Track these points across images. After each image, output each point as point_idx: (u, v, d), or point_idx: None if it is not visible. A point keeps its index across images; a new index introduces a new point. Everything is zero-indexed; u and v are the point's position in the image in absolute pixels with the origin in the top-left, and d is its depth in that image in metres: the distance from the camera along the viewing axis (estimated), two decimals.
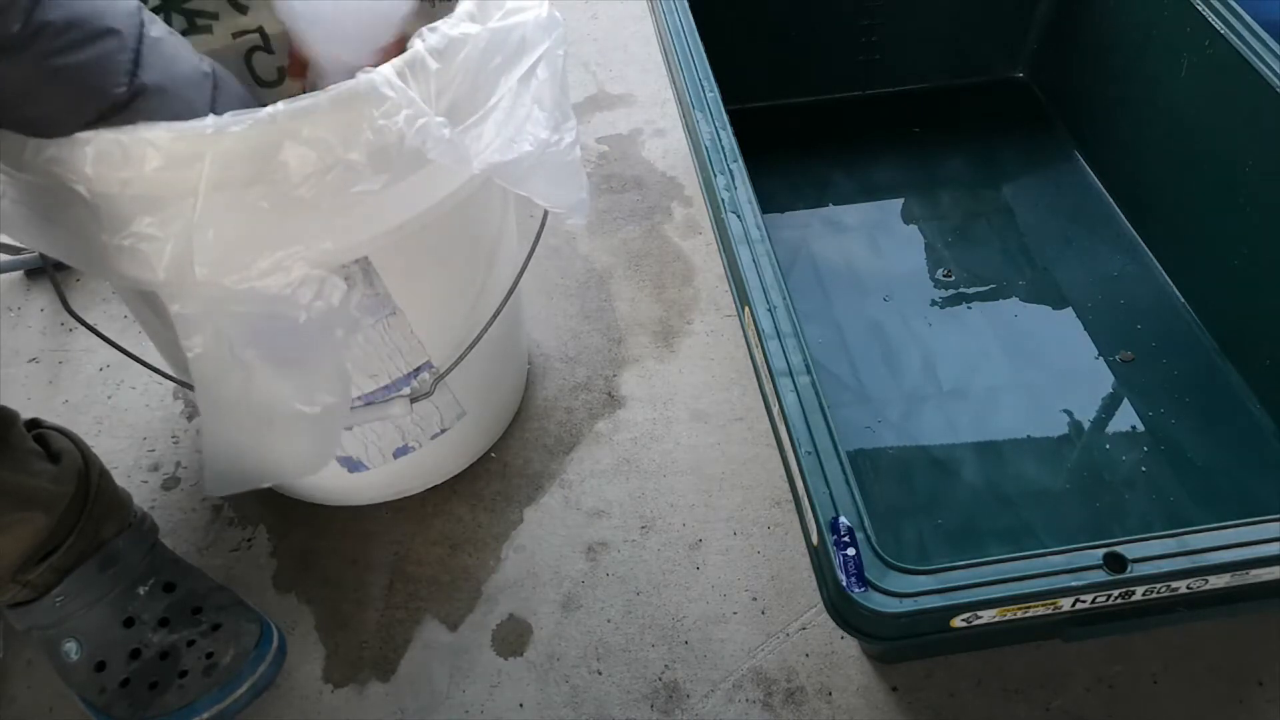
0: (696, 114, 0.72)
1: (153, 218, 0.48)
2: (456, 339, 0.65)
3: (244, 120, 0.45)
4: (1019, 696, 0.66)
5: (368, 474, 0.71)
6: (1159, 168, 0.87)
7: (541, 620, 0.71)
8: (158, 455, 0.81)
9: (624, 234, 0.97)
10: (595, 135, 1.08)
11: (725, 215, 0.65)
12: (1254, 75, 0.73)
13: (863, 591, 0.47)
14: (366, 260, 0.54)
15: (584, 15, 1.24)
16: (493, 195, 0.63)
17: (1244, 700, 0.65)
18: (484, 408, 0.75)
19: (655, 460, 0.79)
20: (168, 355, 0.66)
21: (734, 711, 0.66)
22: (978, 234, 0.93)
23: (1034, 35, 1.03)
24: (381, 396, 0.63)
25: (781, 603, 0.71)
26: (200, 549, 0.75)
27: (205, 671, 0.63)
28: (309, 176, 0.47)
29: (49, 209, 0.51)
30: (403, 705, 0.67)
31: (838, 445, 0.53)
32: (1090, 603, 0.49)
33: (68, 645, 0.64)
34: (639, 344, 0.88)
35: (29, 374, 0.87)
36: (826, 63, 1.02)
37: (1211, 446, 0.76)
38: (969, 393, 0.80)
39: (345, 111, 0.46)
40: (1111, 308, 0.85)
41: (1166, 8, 0.82)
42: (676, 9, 0.81)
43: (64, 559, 0.62)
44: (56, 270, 0.92)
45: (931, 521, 0.72)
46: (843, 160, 1.00)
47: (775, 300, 0.60)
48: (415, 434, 0.69)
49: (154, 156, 0.45)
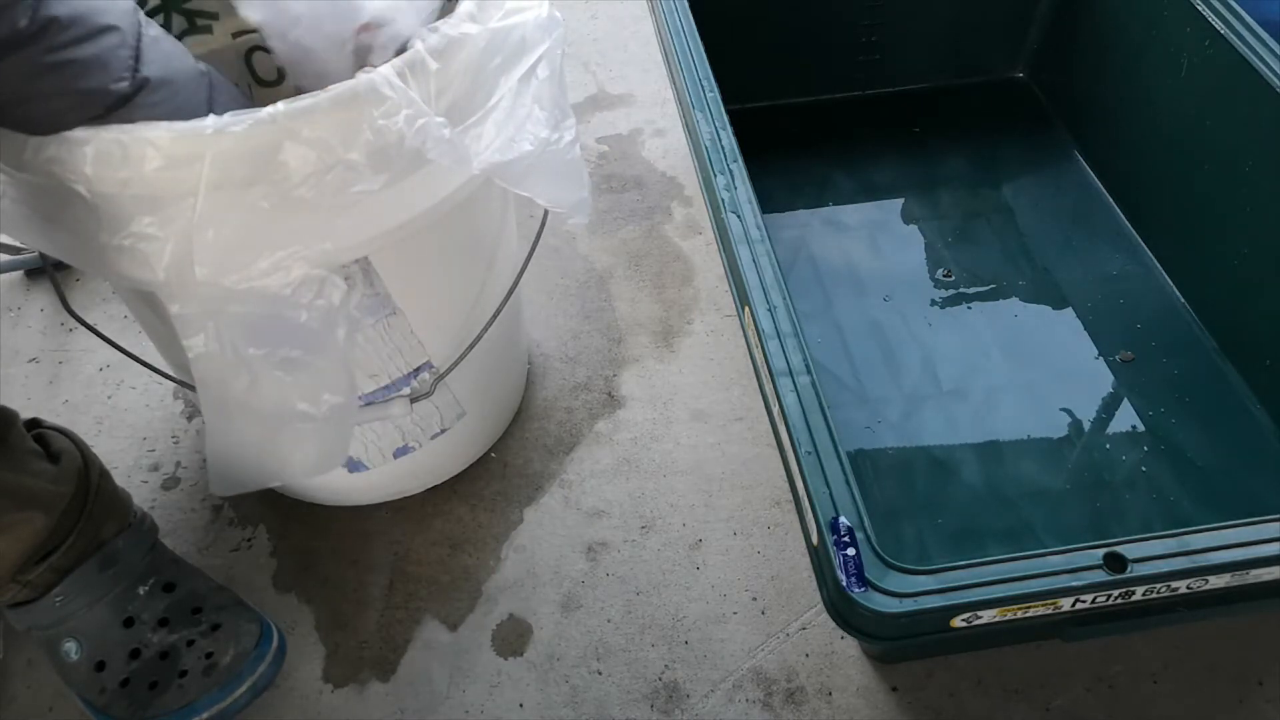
0: (696, 114, 0.72)
1: (153, 218, 0.48)
2: (456, 339, 0.65)
3: (244, 120, 0.45)
4: (1019, 696, 0.66)
5: (368, 474, 0.71)
6: (1159, 168, 0.87)
7: (541, 620, 0.71)
8: (158, 455, 0.81)
9: (624, 234, 0.97)
10: (595, 135, 1.08)
11: (725, 215, 0.65)
12: (1254, 75, 0.73)
13: (863, 591, 0.47)
14: (366, 260, 0.54)
15: (584, 15, 1.24)
16: (493, 196, 0.63)
17: (1244, 700, 0.65)
18: (484, 408, 0.75)
19: (655, 460, 0.79)
20: (168, 355, 0.66)
21: (734, 711, 0.66)
22: (978, 234, 0.93)
23: (1034, 35, 1.03)
24: (381, 397, 0.63)
25: (781, 603, 0.71)
26: (200, 549, 0.75)
27: (205, 671, 0.63)
28: (309, 176, 0.47)
29: (49, 208, 0.51)
30: (403, 705, 0.67)
31: (838, 445, 0.53)
32: (1090, 603, 0.49)
33: (68, 645, 0.64)
34: (639, 344, 0.88)
35: (29, 374, 0.87)
36: (826, 63, 1.02)
37: (1211, 446, 0.76)
38: (969, 393, 0.80)
39: (345, 111, 0.46)
40: (1111, 308, 0.85)
41: (1166, 8, 0.82)
42: (676, 9, 0.81)
43: (64, 559, 0.62)
44: (56, 270, 0.93)
45: (931, 521, 0.72)
46: (843, 160, 1.00)
47: (775, 300, 0.60)
48: (415, 434, 0.69)
49: (154, 156, 0.45)
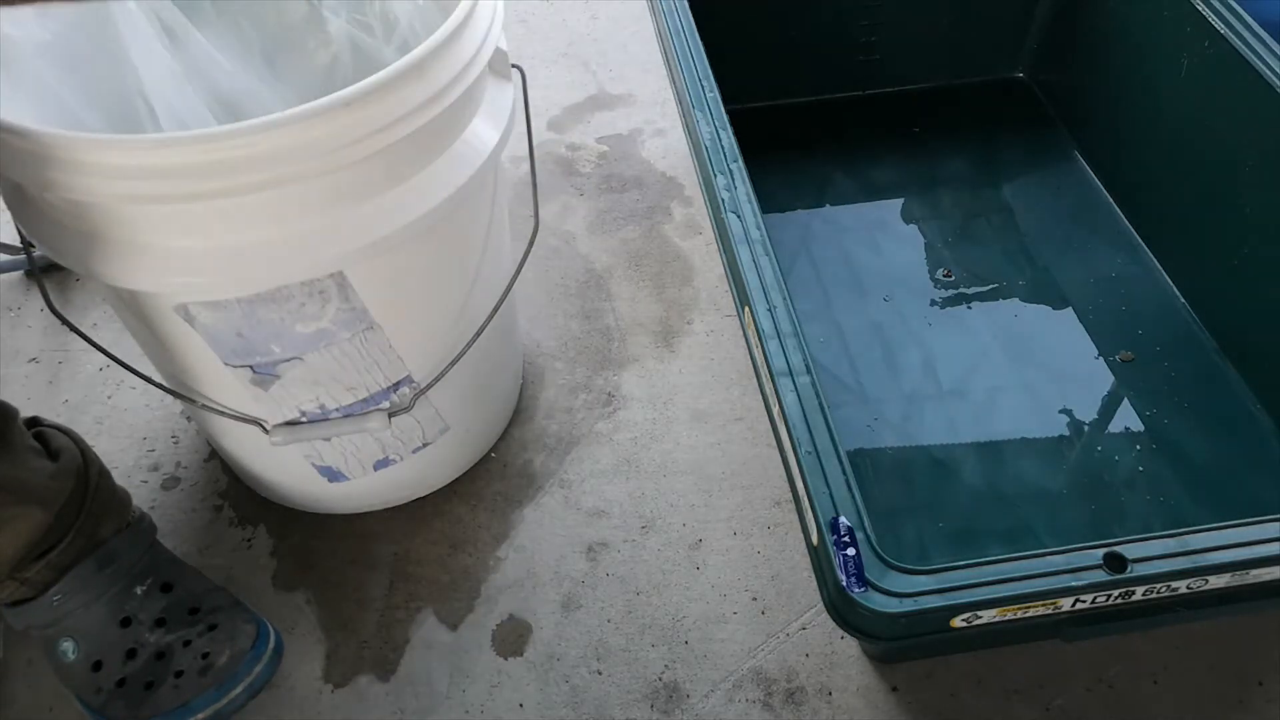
0: (696, 114, 0.72)
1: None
2: (440, 353, 0.64)
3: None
4: (1019, 696, 0.65)
5: (351, 484, 0.70)
6: (1159, 168, 0.87)
7: (541, 620, 0.70)
8: (158, 455, 0.81)
9: (624, 234, 0.97)
10: (595, 135, 1.08)
11: (725, 215, 0.65)
12: (1254, 75, 0.73)
13: (863, 591, 0.47)
14: (342, 275, 0.53)
15: (584, 15, 1.24)
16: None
17: (1244, 700, 0.65)
18: (470, 422, 0.74)
19: (655, 460, 0.79)
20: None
21: (734, 711, 0.66)
22: (978, 234, 0.93)
23: (1034, 35, 1.03)
24: (360, 410, 0.63)
25: (781, 603, 0.71)
26: (200, 549, 0.75)
27: (201, 672, 0.63)
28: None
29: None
30: (403, 705, 0.67)
31: (838, 445, 0.53)
32: (1090, 603, 0.49)
33: (64, 645, 0.64)
34: (639, 344, 0.88)
35: (29, 374, 0.87)
36: (826, 63, 1.02)
37: (1211, 446, 0.75)
38: (969, 393, 0.80)
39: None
40: (1111, 308, 0.85)
41: (1166, 8, 0.82)
42: (676, 9, 0.81)
43: (62, 556, 0.62)
44: (57, 270, 0.93)
45: (931, 521, 0.72)
46: (842, 160, 1.00)
47: (775, 300, 0.60)
48: (396, 447, 0.69)
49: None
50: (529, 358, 0.87)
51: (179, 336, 0.56)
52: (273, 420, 0.62)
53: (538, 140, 1.05)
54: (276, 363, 0.57)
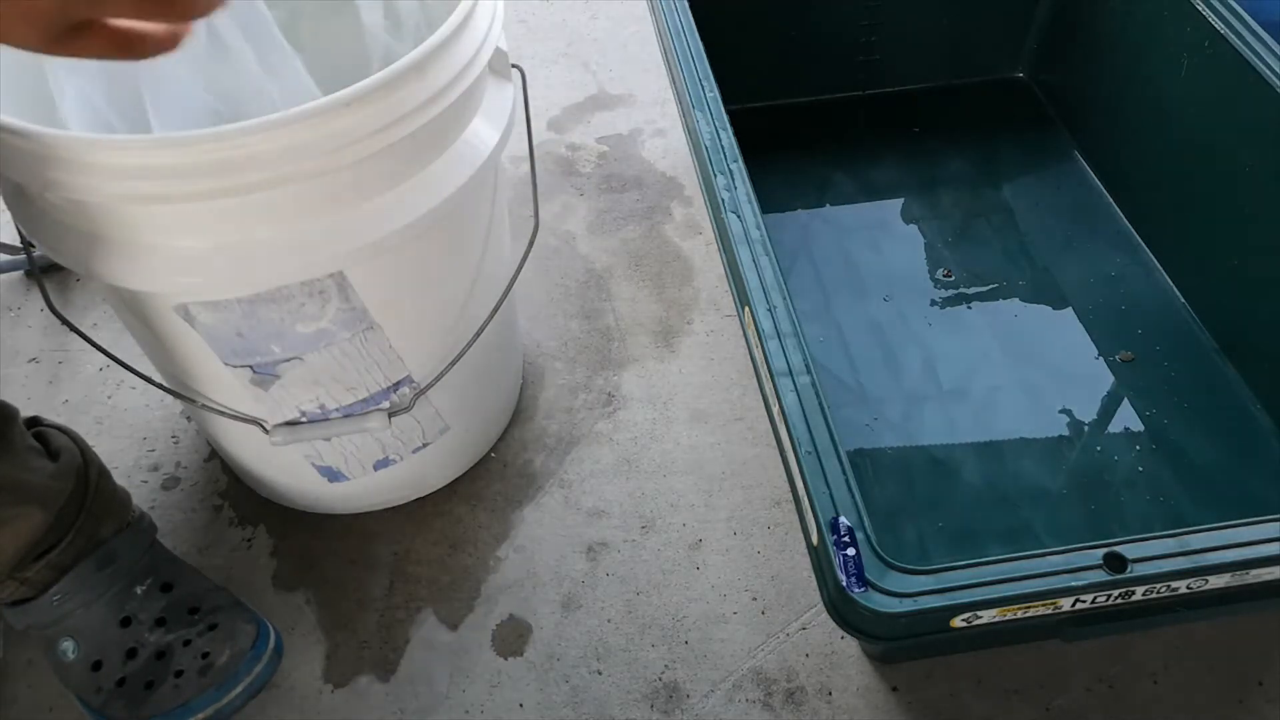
0: (696, 114, 0.72)
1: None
2: (440, 353, 0.64)
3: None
4: (1019, 696, 0.65)
5: (351, 484, 0.70)
6: (1159, 168, 0.87)
7: (541, 620, 0.70)
8: (158, 455, 0.81)
9: (624, 234, 0.97)
10: (595, 135, 1.08)
11: (725, 215, 0.65)
12: (1254, 75, 0.73)
13: (863, 591, 0.47)
14: (342, 275, 0.53)
15: (584, 15, 1.24)
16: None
17: (1244, 700, 0.65)
18: (470, 422, 0.74)
19: (655, 460, 0.79)
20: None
21: (734, 711, 0.66)
22: (978, 234, 0.93)
23: (1034, 35, 1.03)
24: (360, 409, 0.63)
25: (781, 603, 0.71)
26: (200, 549, 0.75)
27: (201, 671, 0.63)
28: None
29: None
30: (403, 705, 0.67)
31: (838, 445, 0.53)
32: (1090, 603, 0.49)
33: (65, 644, 0.64)
34: (639, 344, 0.88)
35: (29, 374, 0.87)
36: (826, 63, 1.02)
37: (1211, 446, 0.75)
38: (969, 393, 0.80)
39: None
40: (1111, 308, 0.85)
41: (1166, 8, 0.82)
42: (676, 9, 0.81)
43: (62, 556, 0.62)
44: (57, 270, 0.93)
45: (931, 521, 0.72)
46: (842, 160, 1.00)
47: (775, 300, 0.60)
48: (396, 447, 0.69)
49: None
50: (529, 358, 0.87)
51: (179, 336, 0.56)
52: (273, 420, 0.62)
53: (538, 140, 1.06)
54: (276, 363, 0.57)
